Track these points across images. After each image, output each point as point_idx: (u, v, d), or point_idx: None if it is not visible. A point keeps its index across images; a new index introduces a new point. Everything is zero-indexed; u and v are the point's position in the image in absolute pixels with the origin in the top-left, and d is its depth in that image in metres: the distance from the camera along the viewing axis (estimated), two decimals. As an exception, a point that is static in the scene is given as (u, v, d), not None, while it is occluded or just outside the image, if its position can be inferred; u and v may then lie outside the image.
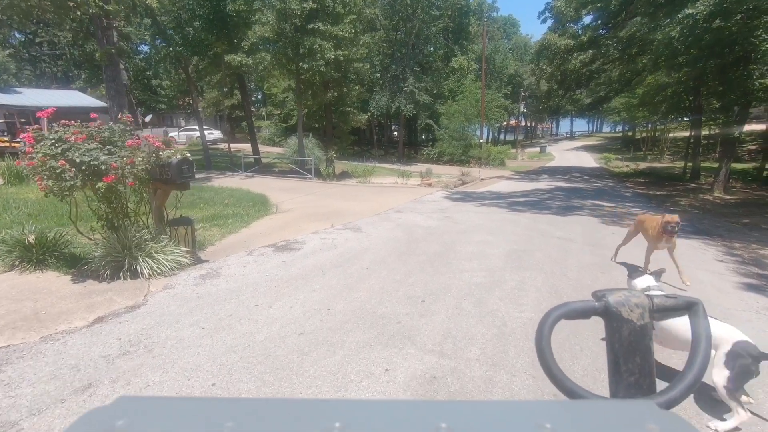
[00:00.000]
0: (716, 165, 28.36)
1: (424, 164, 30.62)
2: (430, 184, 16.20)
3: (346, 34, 16.06)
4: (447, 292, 4.56)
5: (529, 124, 64.89)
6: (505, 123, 58.12)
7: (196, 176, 17.23)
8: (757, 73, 15.43)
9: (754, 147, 36.51)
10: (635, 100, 34.45)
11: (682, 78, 19.44)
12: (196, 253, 5.87)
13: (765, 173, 23.44)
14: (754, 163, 28.72)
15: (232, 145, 33.92)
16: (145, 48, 27.58)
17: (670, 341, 2.81)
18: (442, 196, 13.48)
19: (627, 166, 31.81)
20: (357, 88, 20.21)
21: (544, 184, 18.22)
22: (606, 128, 71.12)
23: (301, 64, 15.42)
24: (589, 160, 36.44)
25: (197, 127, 35.24)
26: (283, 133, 32.72)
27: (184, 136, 32.50)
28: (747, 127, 40.48)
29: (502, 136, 60.39)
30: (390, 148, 35.98)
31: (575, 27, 21.28)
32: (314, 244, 6.88)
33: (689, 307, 0.66)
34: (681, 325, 2.66)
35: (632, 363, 0.62)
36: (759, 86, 16.28)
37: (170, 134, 34.76)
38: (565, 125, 75.54)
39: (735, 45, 14.51)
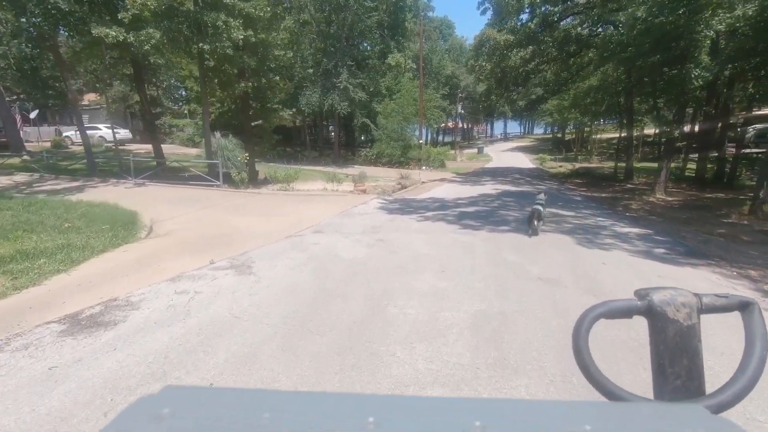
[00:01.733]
0: (640, 165, 28.58)
1: (362, 166, 28.05)
2: (364, 191, 13.60)
3: (261, 13, 12.97)
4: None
5: (465, 126, 64.72)
6: (443, 124, 57.23)
7: (63, 186, 13.20)
8: (695, 72, 14.50)
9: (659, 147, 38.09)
10: (567, 102, 34.45)
11: (621, 77, 18.50)
12: None
13: (687, 173, 23.53)
14: (674, 164, 29.40)
15: (143, 146, 29.13)
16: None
17: None
18: (377, 205, 10.91)
19: (561, 166, 31.46)
20: (277, 79, 17.10)
21: (490, 187, 16.32)
22: (537, 130, 73.07)
23: (202, 44, 12.12)
24: (525, 161, 35.89)
25: (101, 126, 29.94)
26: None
27: (82, 135, 27.25)
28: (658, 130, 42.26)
29: (440, 138, 59.52)
30: (326, 149, 32.97)
31: (515, 21, 19.72)
32: (152, 310, 3.95)
33: (743, 307, 0.59)
34: None
35: (678, 365, 0.57)
36: (694, 86, 15.43)
37: (65, 134, 29.04)
38: (499, 127, 76.84)
39: (681, 39, 13.42)
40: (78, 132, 28.96)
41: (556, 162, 34.44)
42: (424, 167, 27.25)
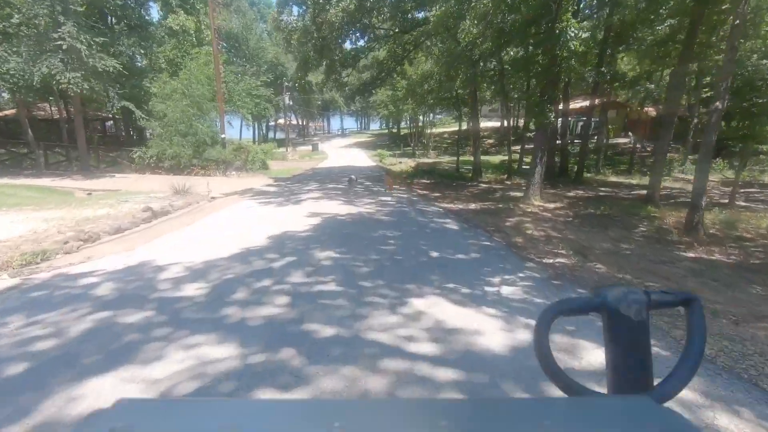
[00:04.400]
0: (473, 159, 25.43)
1: (131, 175, 17.69)
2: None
3: None
4: None
5: (300, 122, 56.70)
6: (276, 120, 48.07)
7: None
8: (570, 33, 9.76)
9: (492, 141, 37.50)
10: (401, 93, 30.00)
11: (476, 41, 13.23)
12: None
13: (525, 166, 20.48)
14: (502, 157, 27.29)
15: None
16: None
17: None
18: None
19: (401, 162, 26.65)
20: None
21: (307, 210, 8.95)
22: (374, 126, 69.67)
23: None
24: (364, 159, 30.14)
25: None
26: None
27: None
28: (483, 124, 41.78)
29: (273, 135, 50.39)
30: (93, 151, 20.83)
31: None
32: None
33: (686, 303, 0.59)
34: None
35: (630, 359, 0.57)
36: (566, 54, 10.84)
37: None
38: (336, 123, 70.98)
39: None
40: None
41: (395, 158, 29.67)
42: (233, 172, 18.55)
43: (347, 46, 17.24)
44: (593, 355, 2.63)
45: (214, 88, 18.49)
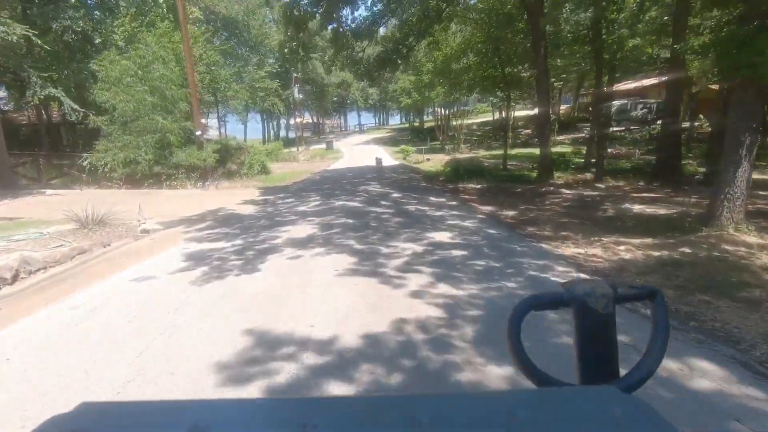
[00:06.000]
0: (516, 152, 19.56)
1: (72, 190, 12.72)
2: None
3: None
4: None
5: (315, 119, 51.44)
6: (289, 120, 42.93)
7: None
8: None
9: (529, 131, 31.24)
10: (426, 78, 24.41)
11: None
12: None
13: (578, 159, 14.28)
14: (575, 147, 21.08)
15: None
16: None
17: None
18: None
19: (429, 160, 20.97)
20: None
21: (259, 304, 3.50)
22: (393, 120, 63.45)
23: None
24: (385, 157, 24.48)
25: None
26: None
27: None
28: (515, 113, 35.26)
29: (284, 134, 45.45)
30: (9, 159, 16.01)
31: None
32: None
33: (651, 296, 0.59)
34: None
35: (597, 351, 0.57)
36: None
37: None
38: (353, 119, 65.21)
39: None
40: None
41: (422, 155, 23.88)
42: (210, 182, 13.39)
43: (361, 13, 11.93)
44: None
45: (183, 70, 13.29)
